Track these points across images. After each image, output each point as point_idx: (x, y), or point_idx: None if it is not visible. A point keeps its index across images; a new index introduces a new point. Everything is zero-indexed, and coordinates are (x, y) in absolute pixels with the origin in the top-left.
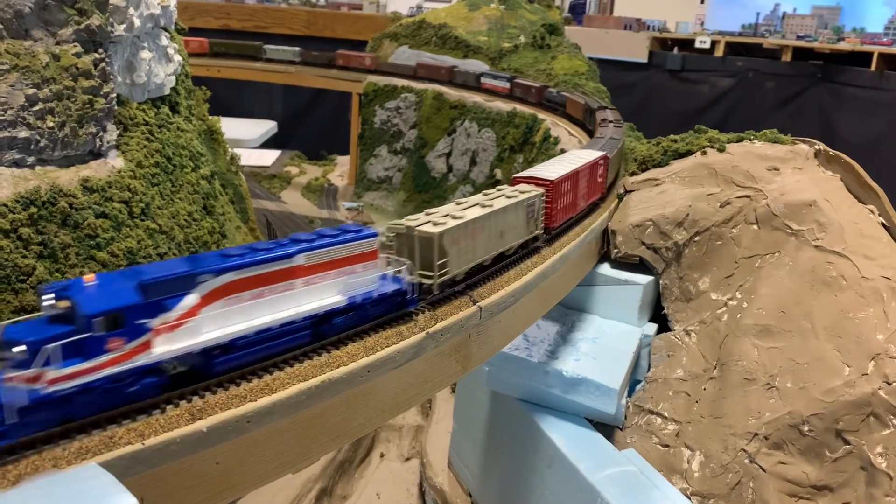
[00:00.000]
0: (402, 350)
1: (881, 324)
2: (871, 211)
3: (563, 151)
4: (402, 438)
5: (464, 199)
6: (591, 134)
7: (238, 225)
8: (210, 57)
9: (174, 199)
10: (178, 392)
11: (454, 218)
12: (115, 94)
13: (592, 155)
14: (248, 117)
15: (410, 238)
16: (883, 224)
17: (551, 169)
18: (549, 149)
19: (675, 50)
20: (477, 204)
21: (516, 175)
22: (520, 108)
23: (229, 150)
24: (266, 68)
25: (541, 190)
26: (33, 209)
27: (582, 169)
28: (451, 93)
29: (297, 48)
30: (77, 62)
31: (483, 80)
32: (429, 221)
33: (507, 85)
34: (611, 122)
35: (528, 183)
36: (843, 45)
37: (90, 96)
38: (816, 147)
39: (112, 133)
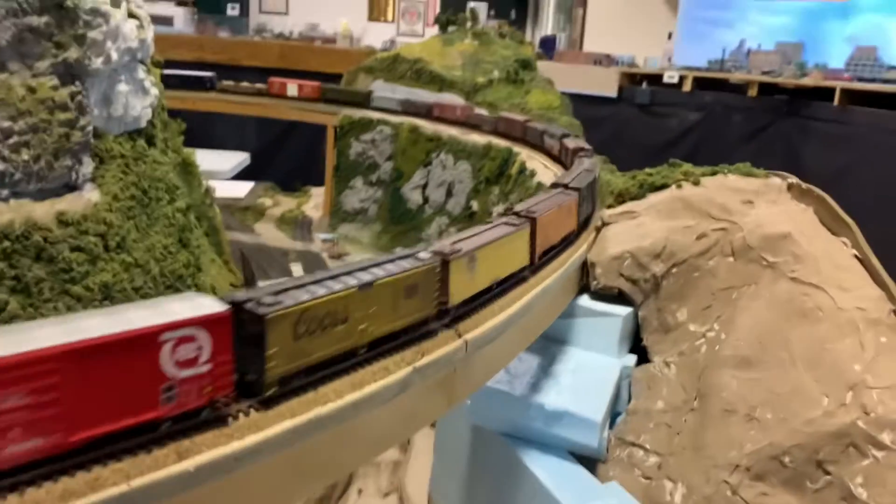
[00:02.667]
0: (389, 385)
1: (858, 354)
2: (844, 243)
3: (539, 185)
4: (381, 473)
5: None
6: (566, 167)
7: (212, 258)
8: (323, 102)
9: (150, 233)
10: (165, 431)
11: None
12: (91, 127)
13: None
14: (221, 149)
15: None
16: (856, 256)
17: None
18: (524, 181)
19: (644, 85)
20: None
21: None
22: (495, 141)
23: (204, 182)
24: (240, 101)
25: None
26: (6, 243)
27: None
28: (427, 126)
29: (399, 97)
30: (54, 95)
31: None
32: None
33: (559, 145)
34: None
35: None
36: (807, 81)
37: (66, 129)
38: (789, 180)
39: (88, 166)
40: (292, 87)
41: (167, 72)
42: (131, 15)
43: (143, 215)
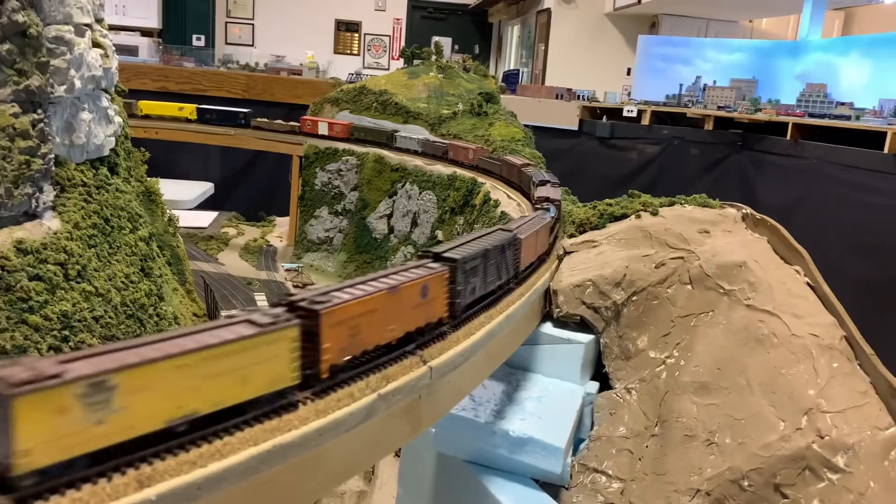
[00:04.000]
0: (354, 412)
1: (812, 379)
2: (797, 271)
3: (503, 214)
4: None
5: None
6: (529, 198)
7: (175, 287)
8: (352, 142)
9: (111, 261)
10: (125, 459)
11: None
12: (53, 155)
13: None
14: (185, 179)
15: None
16: (808, 284)
17: None
18: (489, 211)
19: (605, 118)
20: None
21: None
22: (459, 171)
23: (167, 211)
24: (205, 130)
25: None
26: None
27: None
28: (392, 156)
29: (419, 137)
30: (14, 122)
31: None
32: None
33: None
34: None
35: None
36: (761, 116)
37: (27, 157)
38: (744, 211)
39: (49, 194)
40: (323, 126)
41: (204, 106)
42: (96, 44)
43: (105, 244)
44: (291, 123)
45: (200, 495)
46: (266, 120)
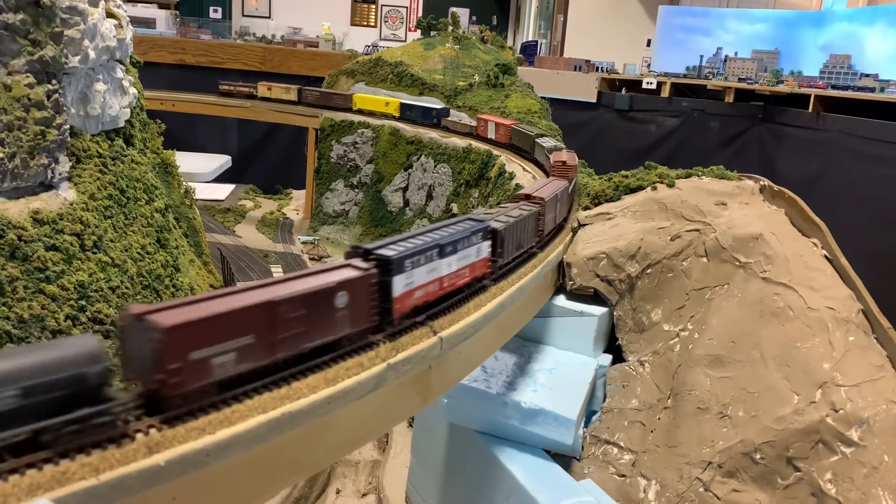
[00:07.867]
0: (363, 381)
1: (827, 353)
2: (815, 244)
3: (517, 187)
4: (359, 474)
5: None
6: (545, 171)
7: (192, 258)
8: (511, 150)
9: (127, 232)
10: (135, 425)
11: None
12: (68, 126)
13: None
14: (202, 151)
15: None
16: (826, 256)
17: None
18: (504, 184)
19: (623, 90)
20: None
21: None
22: (475, 144)
23: (184, 183)
24: (222, 102)
25: None
26: None
27: None
28: (408, 129)
29: (550, 145)
30: (29, 93)
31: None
32: None
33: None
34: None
35: None
36: (782, 88)
37: (42, 127)
38: (762, 182)
39: (64, 165)
40: (491, 127)
41: (406, 102)
42: (109, 14)
43: (121, 215)
44: (471, 123)
45: (209, 462)
46: (457, 120)
